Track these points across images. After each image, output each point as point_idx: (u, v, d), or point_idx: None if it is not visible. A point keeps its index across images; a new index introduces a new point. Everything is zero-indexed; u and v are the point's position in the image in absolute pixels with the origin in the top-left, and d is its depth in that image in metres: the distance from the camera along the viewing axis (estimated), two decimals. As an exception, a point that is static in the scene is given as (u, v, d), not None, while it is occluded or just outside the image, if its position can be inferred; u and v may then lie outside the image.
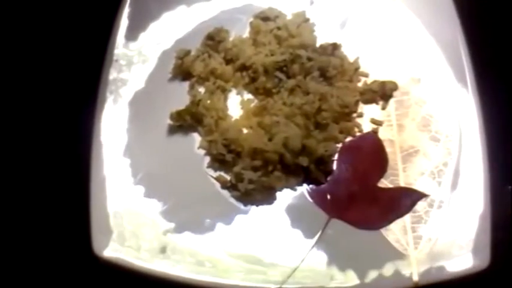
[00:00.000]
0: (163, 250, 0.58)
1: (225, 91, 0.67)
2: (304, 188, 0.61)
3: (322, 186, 0.61)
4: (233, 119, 0.65)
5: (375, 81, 0.67)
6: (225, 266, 0.57)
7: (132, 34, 0.69)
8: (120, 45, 0.68)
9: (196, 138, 0.64)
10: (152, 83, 0.67)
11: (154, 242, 0.58)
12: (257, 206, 0.60)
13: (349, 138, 0.64)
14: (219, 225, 0.59)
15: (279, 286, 0.56)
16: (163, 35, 0.70)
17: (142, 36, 0.70)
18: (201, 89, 0.67)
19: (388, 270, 0.56)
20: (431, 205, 0.59)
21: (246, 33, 0.71)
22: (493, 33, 0.74)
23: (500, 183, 0.64)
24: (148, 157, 0.63)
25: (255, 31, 0.70)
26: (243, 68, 0.68)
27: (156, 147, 0.64)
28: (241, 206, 0.60)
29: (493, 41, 0.73)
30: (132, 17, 0.70)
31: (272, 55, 0.67)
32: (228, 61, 0.69)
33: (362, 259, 0.57)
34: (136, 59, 0.68)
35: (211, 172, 0.62)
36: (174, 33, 0.70)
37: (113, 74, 0.66)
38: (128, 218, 0.59)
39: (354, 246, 0.58)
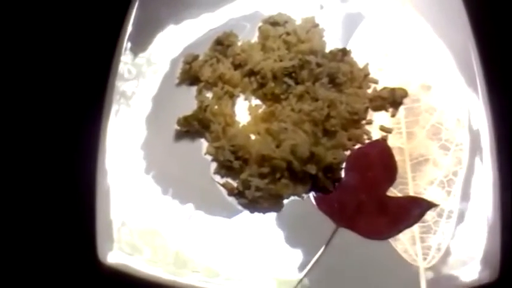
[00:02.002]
0: (168, 257, 0.57)
1: (232, 96, 0.67)
2: (312, 196, 0.61)
3: (330, 194, 0.61)
4: (241, 125, 0.65)
5: (384, 88, 0.66)
6: (229, 274, 0.56)
7: (140, 41, 0.69)
8: (128, 52, 0.67)
9: (204, 143, 0.64)
10: (159, 89, 0.67)
11: (159, 250, 0.58)
12: (264, 213, 0.60)
13: (358, 146, 0.64)
14: (225, 232, 0.59)
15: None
16: (171, 42, 0.69)
17: (150, 43, 0.69)
18: (209, 94, 0.67)
19: (396, 280, 0.56)
20: (440, 215, 0.59)
21: (254, 39, 0.70)
22: (504, 40, 0.73)
23: (511, 193, 0.63)
24: (155, 162, 0.63)
25: (264, 36, 0.69)
26: (252, 73, 0.67)
27: (163, 152, 0.63)
28: (248, 213, 0.60)
29: (505, 48, 0.73)
30: (140, 24, 0.69)
31: (281, 60, 0.66)
32: (237, 66, 0.68)
33: (369, 269, 0.56)
34: (144, 66, 0.68)
35: (218, 178, 0.62)
36: (182, 40, 0.70)
37: (119, 81, 0.66)
38: (132, 225, 0.59)
39: (362, 255, 0.57)
